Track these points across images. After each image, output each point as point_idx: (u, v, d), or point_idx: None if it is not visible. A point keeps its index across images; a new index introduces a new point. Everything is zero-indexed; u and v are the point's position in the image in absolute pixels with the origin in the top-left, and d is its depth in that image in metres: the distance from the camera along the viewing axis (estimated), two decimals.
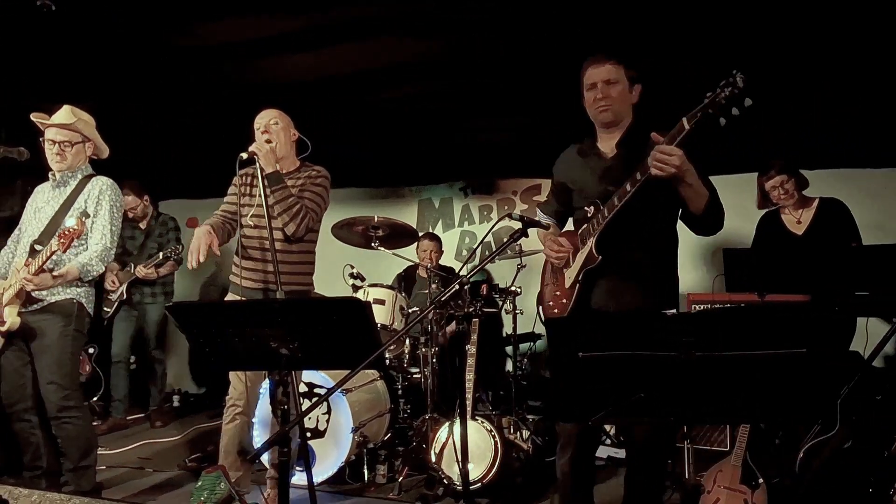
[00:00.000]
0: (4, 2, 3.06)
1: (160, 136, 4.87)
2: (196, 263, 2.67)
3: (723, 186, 5.14)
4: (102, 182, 3.03)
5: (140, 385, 5.09)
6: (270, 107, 3.02)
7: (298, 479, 3.16)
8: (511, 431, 3.64)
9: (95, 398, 4.98)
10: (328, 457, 3.40)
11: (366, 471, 3.42)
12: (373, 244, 3.99)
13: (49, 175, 3.06)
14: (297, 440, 2.69)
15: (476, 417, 3.25)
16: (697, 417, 1.89)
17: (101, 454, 3.75)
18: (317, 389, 3.48)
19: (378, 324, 3.79)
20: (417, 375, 3.98)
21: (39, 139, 3.02)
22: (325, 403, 3.45)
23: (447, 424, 3.25)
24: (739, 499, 2.57)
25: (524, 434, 3.74)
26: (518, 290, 4.10)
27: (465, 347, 3.42)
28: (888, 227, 4.12)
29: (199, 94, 4.17)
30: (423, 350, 3.84)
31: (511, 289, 4.11)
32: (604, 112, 2.26)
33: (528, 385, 4.53)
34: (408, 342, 4.03)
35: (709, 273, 3.48)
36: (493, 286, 4.34)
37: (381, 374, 3.91)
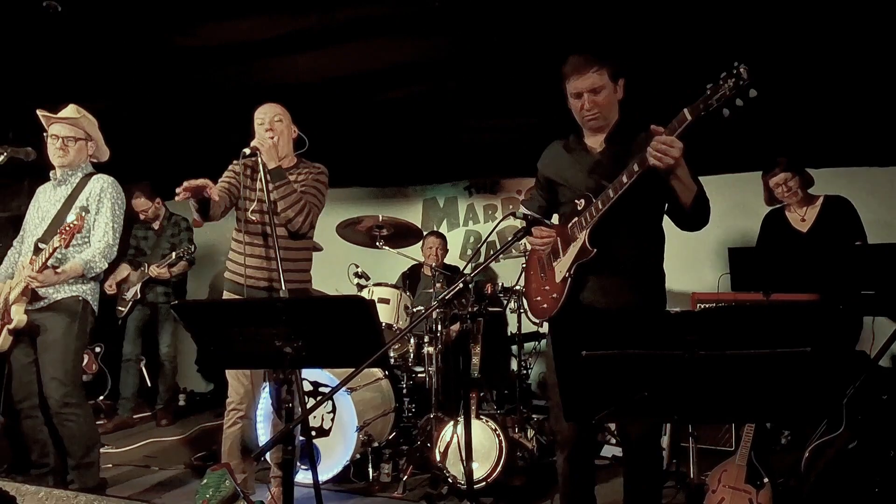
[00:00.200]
0: (11, 3, 3.09)
1: (166, 137, 4.89)
2: (182, 190, 2.53)
3: (728, 184, 5.17)
4: (103, 180, 3.06)
5: (150, 383, 5.15)
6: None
7: (303, 478, 3.17)
8: (515, 431, 3.64)
9: (102, 397, 5.02)
10: (333, 455, 3.41)
11: (370, 469, 3.43)
12: (377, 243, 4.00)
13: (50, 174, 3.09)
14: (301, 439, 2.70)
15: (480, 417, 3.25)
16: (702, 416, 1.89)
17: (108, 452, 3.79)
18: (322, 388, 3.49)
19: (383, 323, 3.79)
20: (422, 374, 3.99)
21: (43, 134, 3.05)
22: (330, 402, 3.45)
23: (451, 423, 3.25)
24: (744, 498, 2.56)
25: (529, 433, 3.74)
26: (523, 289, 4.10)
27: (470, 346, 3.42)
28: (894, 225, 4.10)
29: (205, 95, 4.19)
30: (428, 349, 3.84)
31: (516, 288, 4.11)
32: (593, 120, 2.24)
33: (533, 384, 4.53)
34: (412, 341, 4.03)
35: (714, 272, 3.48)
36: (498, 285, 4.34)
37: (386, 373, 3.91)
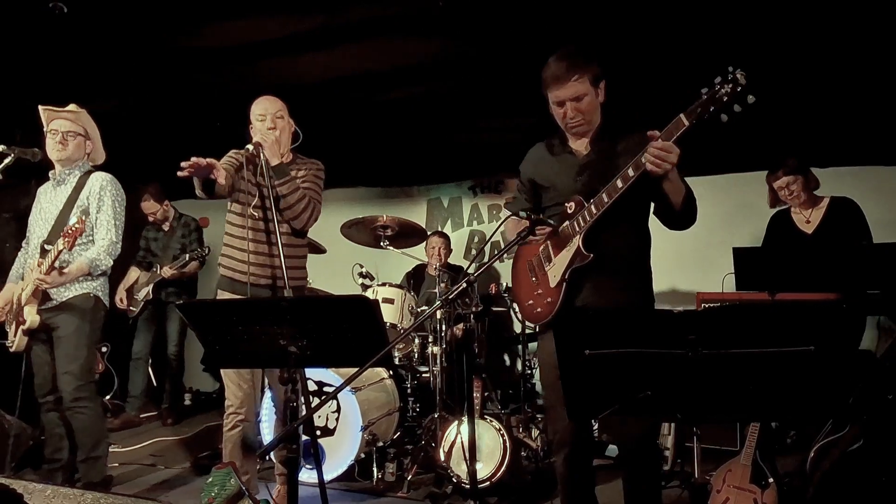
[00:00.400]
0: (18, 5, 3.11)
1: (173, 138, 4.91)
2: (187, 167, 2.50)
3: (734, 184, 5.15)
4: (102, 178, 3.10)
5: (157, 383, 5.19)
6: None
7: (307, 477, 3.18)
8: (520, 430, 3.65)
9: (108, 396, 5.05)
10: (338, 455, 3.42)
11: (375, 469, 3.43)
12: (382, 243, 4.01)
13: (49, 174, 3.14)
14: (305, 438, 2.70)
15: (485, 416, 3.26)
16: (705, 416, 1.89)
17: (114, 451, 3.81)
18: (326, 388, 3.50)
19: (387, 323, 3.80)
20: (426, 374, 3.99)
21: (43, 131, 3.08)
22: (335, 402, 3.46)
23: (456, 423, 3.26)
24: (749, 498, 2.56)
25: (533, 433, 3.75)
26: (511, 293, 4.10)
27: (474, 346, 3.42)
28: None
29: (210, 96, 4.21)
30: (432, 349, 3.85)
31: None
32: (577, 127, 2.23)
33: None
34: (417, 341, 4.04)
35: (718, 271, 3.47)
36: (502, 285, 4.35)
37: (391, 373, 3.92)
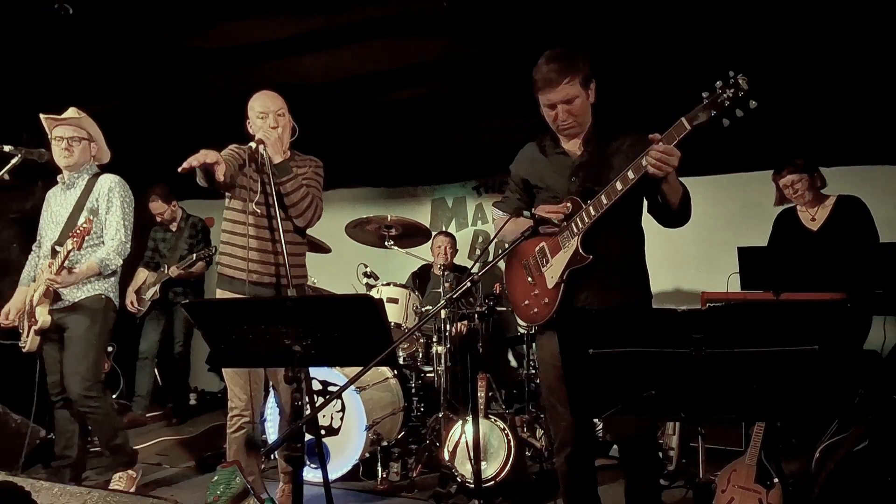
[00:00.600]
0: (24, 6, 3.13)
1: (179, 138, 4.93)
2: (195, 165, 2.45)
3: (739, 183, 5.13)
4: (110, 179, 3.16)
5: (162, 383, 5.22)
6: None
7: (312, 477, 3.19)
8: (524, 430, 3.65)
9: (114, 395, 5.08)
10: (342, 454, 3.43)
11: (379, 468, 3.44)
12: (386, 243, 4.01)
13: (58, 178, 3.21)
14: (310, 438, 2.70)
15: (489, 416, 3.26)
16: (709, 415, 1.89)
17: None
18: (331, 387, 3.51)
19: (391, 322, 3.81)
20: (431, 374, 4.00)
21: (48, 138, 3.14)
22: (339, 401, 3.47)
23: (460, 423, 3.26)
24: (754, 498, 2.55)
25: (537, 433, 3.75)
26: (506, 293, 4.10)
27: (478, 346, 3.43)
28: None
29: (215, 96, 4.23)
30: (437, 348, 3.85)
31: None
32: (569, 129, 2.23)
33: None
34: (421, 341, 4.05)
35: (723, 271, 3.46)
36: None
37: (395, 373, 3.93)
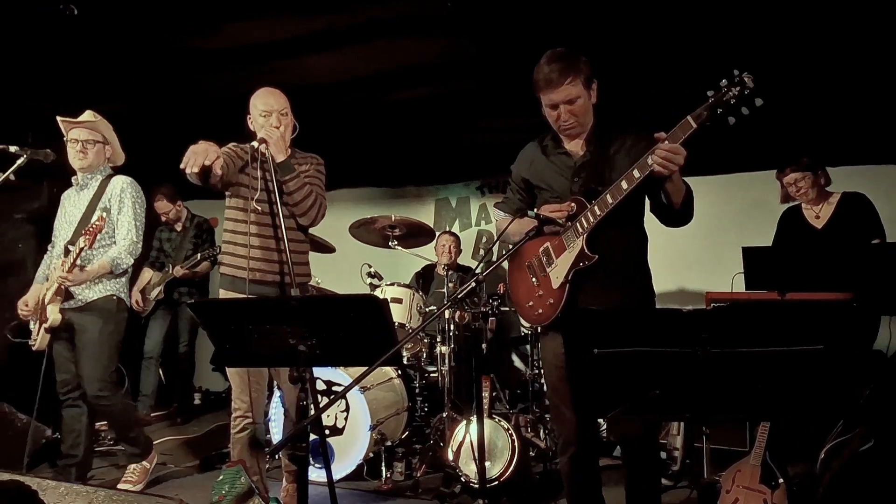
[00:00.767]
0: (29, 7, 3.14)
1: (180, 138, 4.94)
2: (192, 168, 2.42)
3: (744, 183, 5.11)
4: (123, 180, 3.21)
5: (166, 382, 5.23)
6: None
7: (316, 476, 3.19)
8: (528, 430, 3.65)
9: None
10: (346, 454, 3.44)
11: (384, 468, 3.44)
12: (390, 243, 4.02)
13: (73, 180, 3.27)
14: (314, 438, 2.70)
15: (493, 416, 3.26)
16: (714, 415, 1.88)
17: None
18: (335, 387, 3.51)
19: (395, 322, 3.81)
20: (435, 374, 4.00)
21: (63, 140, 3.19)
22: (344, 401, 3.48)
23: (464, 422, 3.26)
24: (759, 499, 2.55)
25: (541, 433, 3.74)
26: (508, 294, 4.09)
27: (482, 346, 3.42)
28: None
29: (220, 96, 4.24)
30: (441, 348, 3.86)
31: None
32: (571, 129, 2.23)
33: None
34: (425, 341, 4.05)
35: (727, 271, 3.45)
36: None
37: (399, 373, 3.93)
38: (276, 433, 3.50)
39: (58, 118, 3.18)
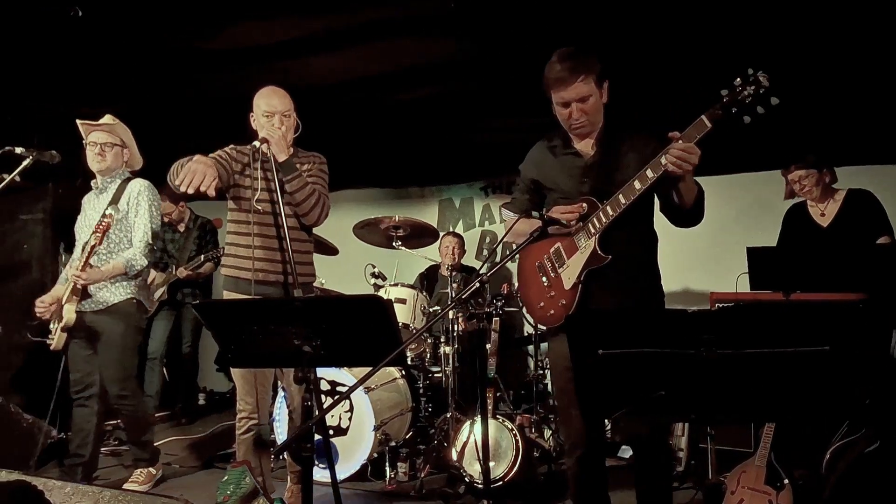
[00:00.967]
0: (33, 10, 3.15)
1: (184, 138, 4.96)
2: (186, 188, 2.38)
3: (748, 183, 5.10)
4: (140, 183, 3.30)
5: (170, 382, 5.24)
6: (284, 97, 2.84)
7: (320, 477, 3.19)
8: (532, 431, 3.64)
9: None
10: (350, 454, 3.44)
11: (388, 469, 3.45)
12: (394, 244, 4.02)
13: (92, 184, 3.37)
14: (318, 438, 2.70)
15: (497, 416, 3.26)
16: (719, 416, 1.88)
17: (128, 450, 3.87)
18: (339, 388, 3.52)
19: (399, 323, 3.81)
20: (439, 374, 4.00)
21: (83, 142, 3.29)
22: (348, 401, 3.48)
23: (468, 423, 3.26)
24: (764, 500, 2.54)
25: (546, 433, 3.74)
26: (518, 294, 4.09)
27: (486, 346, 3.42)
28: None
29: (223, 97, 4.24)
30: (445, 349, 3.86)
31: None
32: (581, 128, 2.22)
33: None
34: (429, 341, 4.05)
35: (732, 271, 3.44)
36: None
37: (403, 373, 3.93)
38: (281, 434, 3.51)
39: (77, 121, 3.26)
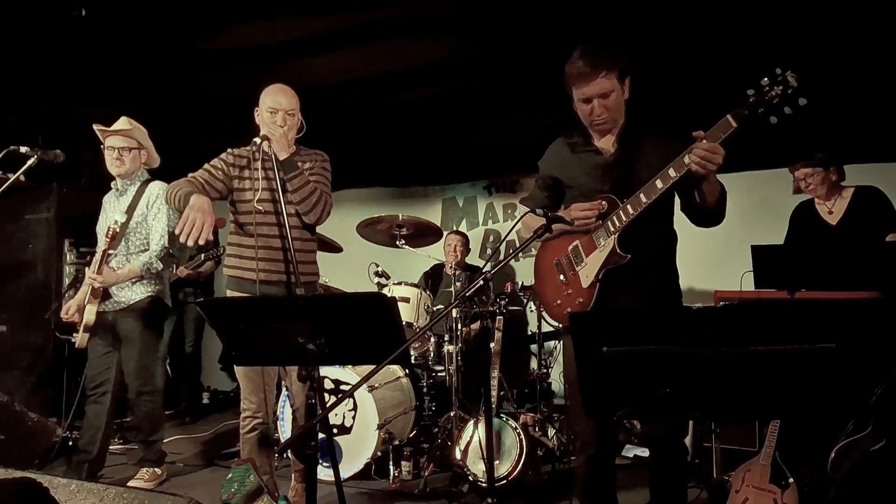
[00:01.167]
0: (37, 10, 3.16)
1: (187, 138, 4.97)
2: (193, 242, 2.42)
3: (753, 182, 5.07)
4: (158, 187, 3.34)
5: (173, 382, 5.25)
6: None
7: (323, 475, 3.20)
8: (536, 429, 3.64)
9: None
10: (354, 453, 3.44)
11: (391, 467, 3.45)
12: (398, 242, 4.02)
13: (111, 185, 3.43)
14: (321, 437, 2.70)
15: (501, 415, 3.26)
16: (724, 414, 1.87)
17: (134, 448, 3.88)
18: (343, 386, 3.52)
19: (403, 321, 3.80)
20: (442, 373, 4.00)
21: (101, 147, 3.37)
22: (352, 400, 3.48)
23: (472, 422, 3.26)
24: (769, 498, 2.53)
25: (549, 432, 3.74)
26: (534, 291, 4.09)
27: (490, 345, 3.42)
28: None
29: (226, 97, 4.25)
30: (448, 348, 3.86)
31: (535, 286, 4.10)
32: (603, 124, 2.20)
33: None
34: (433, 340, 4.05)
35: (736, 269, 3.43)
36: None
37: (407, 372, 3.93)
38: (285, 432, 3.52)
39: (94, 127, 3.32)
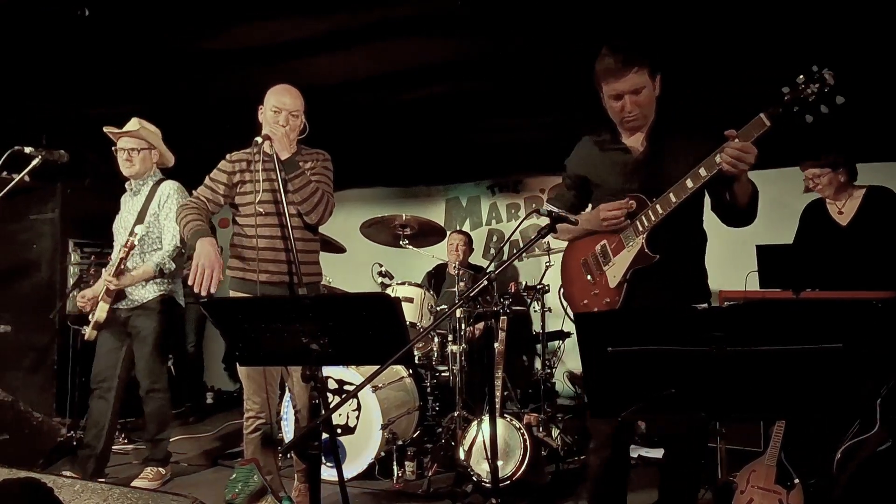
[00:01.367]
0: (40, 10, 3.17)
1: (190, 138, 4.97)
2: (206, 292, 2.46)
3: (757, 181, 5.04)
4: (170, 186, 3.40)
5: (176, 381, 5.26)
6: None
7: (327, 475, 3.19)
8: (540, 430, 3.63)
9: None
10: (358, 453, 3.44)
11: (395, 467, 3.45)
12: (401, 242, 4.02)
13: (126, 185, 3.48)
14: (325, 437, 2.70)
15: (505, 415, 3.25)
16: (730, 413, 1.86)
17: (137, 448, 3.89)
18: (346, 387, 3.51)
19: (407, 321, 3.80)
20: (446, 373, 4.00)
21: (112, 149, 3.42)
22: (355, 400, 3.48)
23: (476, 422, 3.26)
24: (774, 499, 2.52)
25: (553, 432, 3.73)
26: (547, 288, 4.09)
27: (494, 345, 3.41)
28: None
29: (229, 97, 4.25)
30: (452, 348, 3.85)
31: (539, 286, 4.10)
32: (633, 121, 2.16)
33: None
34: (436, 340, 4.05)
35: (741, 269, 3.42)
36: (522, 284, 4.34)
37: (410, 372, 3.93)
38: (288, 432, 3.52)
39: (105, 129, 3.34)
